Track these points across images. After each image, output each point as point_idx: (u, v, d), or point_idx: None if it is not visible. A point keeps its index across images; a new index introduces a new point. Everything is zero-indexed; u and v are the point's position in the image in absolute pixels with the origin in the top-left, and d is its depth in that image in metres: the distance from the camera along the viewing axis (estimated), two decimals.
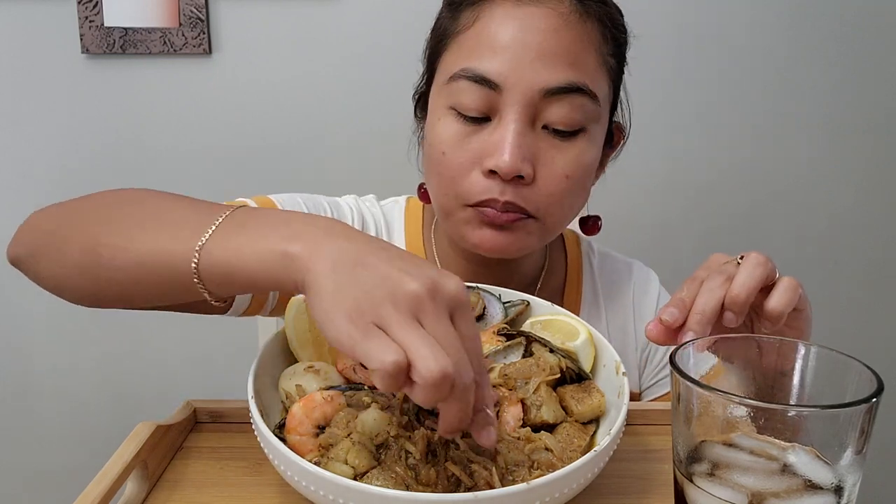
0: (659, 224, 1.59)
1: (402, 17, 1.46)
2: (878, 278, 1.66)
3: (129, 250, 0.54)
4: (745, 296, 0.56)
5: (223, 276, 0.50)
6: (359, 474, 0.49)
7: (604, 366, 0.61)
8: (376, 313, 0.43)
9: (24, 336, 1.60)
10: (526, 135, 0.69)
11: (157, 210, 0.57)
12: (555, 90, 0.69)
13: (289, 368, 0.58)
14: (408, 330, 0.42)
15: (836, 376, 0.45)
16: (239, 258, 0.49)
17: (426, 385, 0.41)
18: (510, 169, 0.68)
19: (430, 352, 0.41)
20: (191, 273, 0.51)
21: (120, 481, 0.52)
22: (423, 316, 0.43)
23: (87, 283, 0.59)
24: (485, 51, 0.70)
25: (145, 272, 0.54)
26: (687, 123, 1.54)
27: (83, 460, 1.61)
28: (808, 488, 0.41)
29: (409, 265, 0.45)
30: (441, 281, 0.45)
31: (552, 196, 0.72)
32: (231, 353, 1.55)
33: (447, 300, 0.44)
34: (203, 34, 1.45)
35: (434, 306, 0.44)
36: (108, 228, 0.57)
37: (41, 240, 0.63)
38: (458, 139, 0.71)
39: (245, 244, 0.49)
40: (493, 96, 0.69)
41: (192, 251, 0.50)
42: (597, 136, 0.74)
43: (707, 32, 1.50)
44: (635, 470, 0.59)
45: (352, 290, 0.44)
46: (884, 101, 1.56)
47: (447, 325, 0.44)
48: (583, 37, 0.71)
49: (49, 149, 1.51)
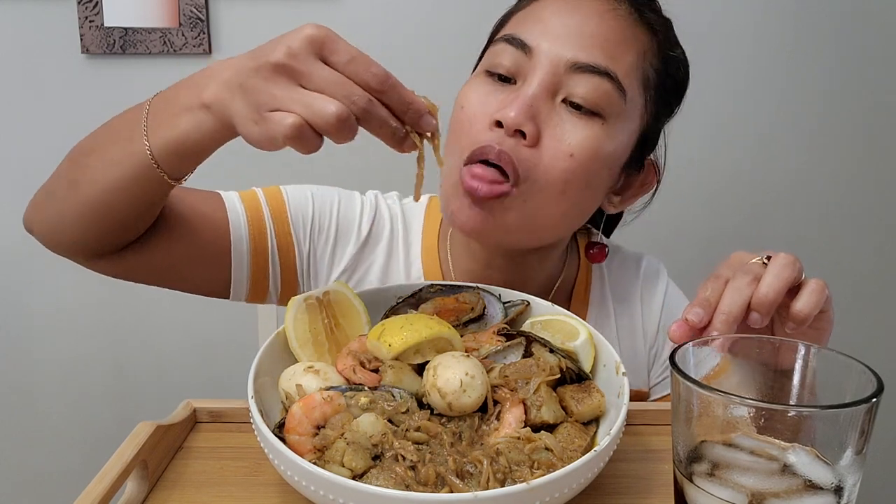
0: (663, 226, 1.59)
1: (403, 17, 1.47)
2: (878, 278, 1.66)
3: (96, 165, 0.65)
4: (773, 297, 0.55)
5: (174, 151, 0.59)
6: (357, 475, 0.49)
7: (604, 366, 0.61)
8: (265, 103, 0.51)
9: (24, 336, 1.60)
10: (543, 100, 0.69)
11: (103, 132, 0.67)
12: (582, 66, 0.69)
13: (289, 368, 0.58)
14: (290, 95, 0.50)
15: (836, 376, 0.45)
16: (175, 128, 0.58)
17: (332, 131, 0.49)
18: (514, 122, 0.67)
19: (320, 104, 0.49)
20: (148, 161, 0.60)
21: (120, 481, 0.52)
22: (298, 77, 0.50)
23: (73, 213, 0.67)
24: (529, 22, 0.72)
25: (114, 177, 0.63)
26: (691, 126, 1.54)
27: (83, 460, 1.62)
28: (808, 488, 0.41)
29: (268, 47, 0.51)
30: (293, 37, 0.50)
31: (550, 169, 0.69)
32: (231, 353, 1.55)
33: (305, 49, 0.50)
34: (203, 34, 1.45)
35: (298, 62, 0.50)
36: (77, 159, 0.68)
37: (38, 197, 0.72)
38: (480, 96, 0.72)
39: (173, 116, 0.58)
40: (524, 60, 0.70)
41: (141, 142, 0.60)
42: (616, 135, 0.72)
43: (708, 33, 1.50)
44: (635, 470, 0.59)
45: (246, 97, 0.52)
46: (885, 104, 1.56)
47: (319, 69, 0.50)
48: (627, 34, 0.71)
49: (49, 149, 1.50)
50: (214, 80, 0.55)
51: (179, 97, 0.59)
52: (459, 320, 0.65)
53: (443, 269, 0.85)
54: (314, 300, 0.63)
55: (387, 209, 0.88)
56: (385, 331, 0.57)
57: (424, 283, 0.69)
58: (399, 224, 0.87)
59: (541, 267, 0.83)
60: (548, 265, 0.84)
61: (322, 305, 0.63)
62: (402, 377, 0.56)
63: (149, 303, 1.60)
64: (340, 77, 0.50)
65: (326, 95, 0.49)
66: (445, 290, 0.68)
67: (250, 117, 0.52)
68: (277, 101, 0.50)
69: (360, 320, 0.64)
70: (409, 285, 0.69)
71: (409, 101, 0.53)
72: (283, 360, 0.60)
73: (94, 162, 0.65)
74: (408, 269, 0.85)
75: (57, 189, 0.69)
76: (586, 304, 0.87)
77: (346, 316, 0.64)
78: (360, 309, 0.64)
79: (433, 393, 0.53)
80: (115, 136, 0.64)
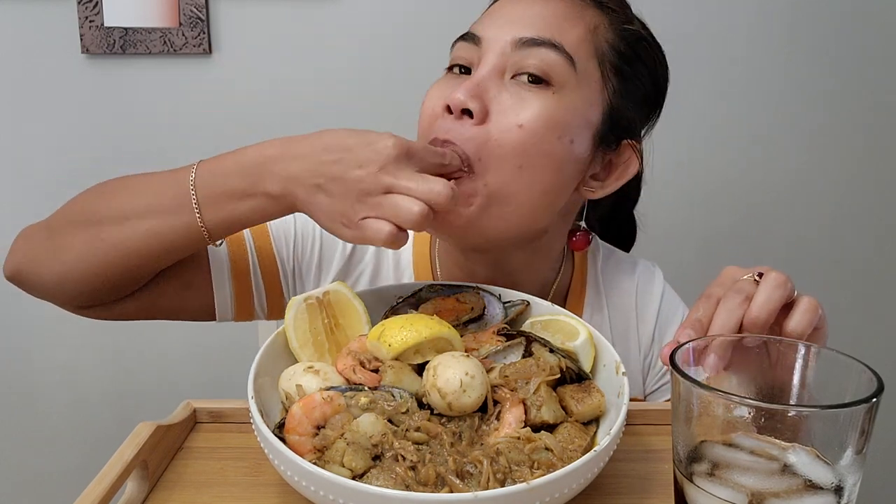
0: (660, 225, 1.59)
1: (402, 17, 1.47)
2: (877, 278, 1.66)
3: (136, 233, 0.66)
4: (766, 318, 0.55)
5: (228, 227, 0.65)
6: (357, 475, 0.49)
7: (604, 366, 0.61)
8: (357, 211, 0.58)
9: (24, 336, 1.60)
10: (490, 80, 0.70)
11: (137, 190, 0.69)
12: (526, 40, 0.70)
13: (289, 368, 0.58)
14: (381, 206, 0.57)
15: (836, 376, 0.45)
16: (234, 211, 0.63)
17: (416, 227, 0.57)
18: (457, 101, 0.68)
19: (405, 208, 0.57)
20: (201, 234, 0.65)
21: (120, 481, 0.52)
22: (388, 187, 0.57)
23: (91, 268, 0.68)
24: (482, 18, 0.75)
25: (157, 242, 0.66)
26: (687, 127, 1.54)
27: (83, 460, 1.62)
28: (809, 488, 0.41)
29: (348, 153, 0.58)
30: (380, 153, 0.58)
31: (499, 145, 0.67)
32: (231, 353, 1.55)
33: (394, 162, 0.58)
34: (203, 34, 1.45)
35: (391, 176, 0.57)
36: (104, 212, 0.68)
37: (39, 244, 0.72)
38: (438, 88, 0.74)
39: (233, 204, 0.63)
40: (475, 50, 0.72)
41: (192, 215, 0.64)
42: (570, 103, 0.70)
43: (708, 33, 1.50)
44: (635, 470, 0.59)
45: (332, 202, 0.58)
46: (884, 104, 1.56)
47: (404, 174, 0.58)
48: (573, 12, 0.72)
49: (49, 149, 1.51)
50: (279, 175, 0.60)
51: (234, 182, 0.63)
52: (459, 320, 0.65)
53: (434, 278, 0.84)
54: (314, 300, 0.63)
55: None
56: (385, 331, 0.58)
57: (424, 283, 0.69)
58: None
59: (529, 269, 0.81)
60: (537, 268, 0.82)
61: (322, 305, 0.63)
62: (402, 377, 0.56)
63: None
64: (425, 178, 0.58)
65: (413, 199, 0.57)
66: (445, 290, 0.68)
67: (340, 221, 0.59)
68: (369, 211, 0.57)
69: (360, 320, 0.64)
70: (409, 285, 0.69)
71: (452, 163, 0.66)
72: (283, 360, 0.60)
73: (127, 228, 0.67)
74: (398, 279, 0.84)
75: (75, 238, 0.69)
76: (581, 308, 0.86)
77: (346, 316, 0.64)
78: (360, 309, 0.64)
79: (433, 393, 0.53)
80: (155, 206, 0.66)
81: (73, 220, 0.70)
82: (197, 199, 0.64)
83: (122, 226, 0.67)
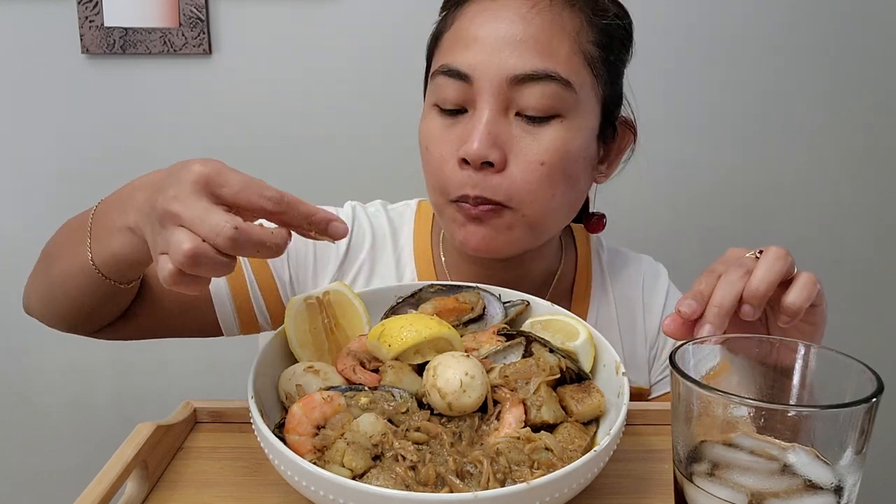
0: (660, 224, 1.59)
1: (402, 17, 1.46)
2: (877, 278, 1.66)
3: (60, 269, 0.69)
4: (764, 289, 0.56)
5: (112, 264, 0.63)
6: (357, 475, 0.49)
7: (604, 366, 0.61)
8: (156, 244, 0.51)
9: (24, 336, 1.60)
10: (497, 122, 0.70)
11: (66, 232, 0.71)
12: (522, 77, 0.69)
13: (289, 368, 0.58)
14: (165, 240, 0.49)
15: (836, 376, 0.45)
16: (109, 246, 0.62)
17: (188, 268, 0.47)
18: (477, 155, 0.69)
19: (175, 243, 0.47)
20: (94, 272, 0.65)
21: (120, 481, 0.52)
22: (178, 218, 0.48)
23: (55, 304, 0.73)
24: (459, 46, 0.72)
25: (74, 282, 0.68)
26: (688, 123, 1.54)
27: (83, 460, 1.62)
28: (808, 488, 0.41)
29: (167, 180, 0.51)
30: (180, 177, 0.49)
31: (527, 183, 0.71)
32: (231, 353, 1.54)
33: (189, 190, 0.49)
34: (203, 34, 1.45)
35: (181, 204, 0.48)
36: (49, 258, 0.73)
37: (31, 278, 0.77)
38: (439, 132, 0.74)
39: (108, 234, 0.61)
40: (467, 88, 0.71)
41: (85, 255, 0.64)
42: (578, 125, 0.73)
43: (709, 32, 1.50)
44: (635, 470, 0.59)
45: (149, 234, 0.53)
46: (884, 104, 1.56)
47: (195, 207, 0.48)
48: (554, 24, 0.71)
49: (49, 149, 1.51)
50: (134, 206, 0.56)
51: (111, 216, 0.61)
52: (459, 320, 0.65)
53: (437, 270, 0.85)
54: (314, 300, 0.63)
55: (366, 218, 0.88)
56: (385, 331, 0.58)
57: (424, 283, 0.69)
58: (386, 231, 0.87)
59: (537, 261, 0.84)
60: (544, 258, 0.85)
61: (322, 305, 0.63)
62: (402, 377, 0.56)
63: None
64: (207, 211, 0.48)
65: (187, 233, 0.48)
66: (445, 290, 0.68)
67: (154, 254, 0.52)
68: (161, 244, 0.50)
69: (360, 320, 0.64)
70: (409, 285, 0.69)
71: (310, 213, 0.52)
72: (283, 360, 0.60)
73: (56, 270, 0.70)
74: (400, 274, 0.85)
75: (37, 284, 0.75)
76: (588, 301, 0.87)
77: (346, 316, 0.64)
78: (360, 309, 0.64)
79: (433, 393, 0.53)
80: (68, 248, 0.68)
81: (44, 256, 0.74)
82: (90, 237, 0.64)
83: (56, 266, 0.70)
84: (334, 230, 0.53)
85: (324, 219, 0.52)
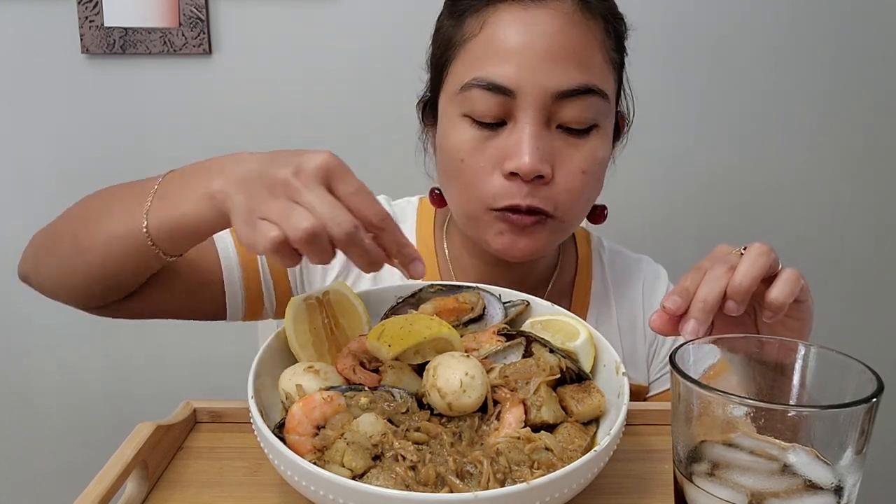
0: (658, 222, 1.59)
1: (402, 18, 1.46)
2: (877, 278, 1.66)
3: (98, 232, 0.66)
4: (747, 285, 0.56)
5: (168, 230, 0.61)
6: (357, 475, 0.49)
7: (604, 366, 0.61)
8: (259, 209, 0.52)
9: (24, 336, 1.60)
10: (542, 136, 0.71)
11: (112, 195, 0.68)
12: (567, 92, 0.70)
13: (289, 368, 0.58)
14: (279, 209, 0.51)
15: (836, 376, 0.45)
16: (176, 209, 0.59)
17: (300, 244, 0.50)
18: (530, 169, 0.69)
19: (297, 218, 0.50)
20: (144, 237, 0.61)
21: (120, 481, 0.52)
22: (295, 194, 0.51)
23: (76, 274, 0.69)
24: (494, 58, 0.71)
25: (114, 247, 0.65)
26: (685, 121, 1.54)
27: (83, 460, 1.62)
28: (808, 488, 0.41)
29: (283, 158, 0.53)
30: (305, 159, 0.52)
31: (571, 193, 0.73)
32: (231, 353, 1.55)
33: (313, 173, 0.52)
34: (203, 34, 1.45)
35: (301, 182, 0.51)
36: (82, 222, 0.68)
37: (39, 250, 0.74)
38: (475, 145, 0.73)
39: (178, 198, 0.59)
40: (508, 101, 0.71)
41: (141, 217, 0.61)
42: (608, 130, 0.76)
43: (705, 29, 1.50)
44: (635, 470, 0.59)
45: (247, 199, 0.53)
46: (884, 104, 1.56)
47: (317, 191, 0.51)
48: (587, 35, 0.72)
49: (49, 149, 1.51)
50: (225, 174, 0.56)
51: (191, 183, 0.60)
52: (459, 320, 0.65)
53: (440, 266, 0.86)
54: (314, 300, 0.63)
55: None
56: (385, 331, 0.57)
57: (424, 283, 0.69)
58: None
59: (541, 259, 0.85)
60: (547, 255, 0.86)
61: (322, 305, 0.63)
62: (402, 377, 0.56)
63: None
64: (334, 203, 0.51)
65: (309, 213, 0.50)
66: (445, 290, 0.68)
67: (243, 218, 0.53)
68: (268, 211, 0.52)
69: (360, 320, 0.64)
70: (408, 285, 0.69)
71: (402, 244, 0.56)
72: (283, 360, 0.60)
73: (97, 230, 0.66)
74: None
75: (59, 246, 0.71)
76: (588, 299, 0.88)
77: (346, 316, 0.64)
78: (360, 309, 0.64)
79: (433, 393, 0.53)
80: (119, 209, 0.65)
81: (64, 225, 0.71)
82: (151, 202, 0.62)
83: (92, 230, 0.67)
84: (415, 268, 0.56)
85: (410, 254, 0.56)
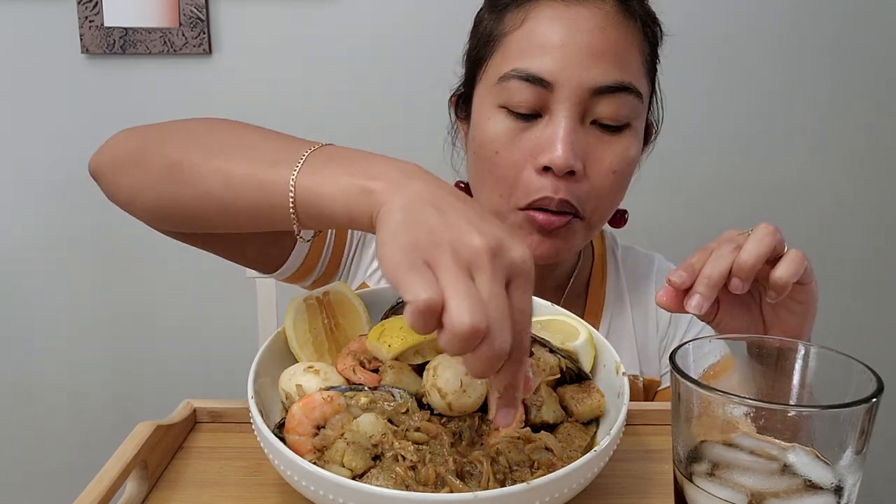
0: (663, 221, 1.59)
1: (402, 18, 1.47)
2: (878, 278, 1.66)
3: (217, 172, 0.56)
4: (753, 262, 0.57)
5: (312, 206, 0.52)
6: (357, 475, 0.49)
7: (604, 366, 0.61)
8: (431, 253, 0.42)
9: (24, 336, 1.60)
10: (577, 131, 0.71)
11: (245, 137, 0.59)
12: (604, 89, 0.71)
13: (289, 368, 0.58)
14: (455, 277, 0.40)
15: (836, 376, 0.45)
16: (324, 189, 0.51)
17: (453, 333, 0.39)
18: (564, 164, 0.70)
19: (469, 304, 0.39)
20: (287, 203, 0.52)
21: (120, 481, 0.52)
22: (478, 272, 0.42)
23: (164, 197, 0.61)
24: (535, 50, 0.72)
25: (232, 195, 0.56)
26: (688, 127, 1.54)
27: (83, 460, 1.62)
28: (808, 488, 0.41)
29: (481, 221, 0.44)
30: (507, 244, 0.43)
31: (600, 191, 0.74)
32: (231, 353, 1.55)
33: (507, 264, 0.43)
34: (203, 34, 1.45)
35: (491, 266, 0.42)
36: (195, 148, 0.59)
37: (126, 152, 0.66)
38: (510, 136, 0.73)
39: (330, 177, 0.51)
40: (545, 94, 0.71)
41: (288, 181, 0.52)
42: (639, 131, 0.77)
43: (711, 29, 1.50)
44: (635, 470, 0.59)
45: (416, 227, 0.43)
46: (885, 104, 1.56)
47: (499, 287, 0.42)
48: (626, 35, 0.73)
49: (49, 149, 1.51)
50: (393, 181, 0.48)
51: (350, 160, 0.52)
52: None
53: None
54: (314, 300, 0.63)
55: None
56: (385, 331, 0.57)
57: None
58: None
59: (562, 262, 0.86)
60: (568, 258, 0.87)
61: (322, 305, 0.63)
62: (402, 377, 0.56)
63: (149, 303, 1.61)
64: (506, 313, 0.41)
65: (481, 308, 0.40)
66: None
67: (400, 242, 0.43)
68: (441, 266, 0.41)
69: (360, 320, 0.64)
70: None
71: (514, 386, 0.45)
72: (283, 360, 0.60)
73: (212, 168, 0.57)
74: None
75: (152, 165, 0.62)
76: (603, 297, 0.90)
77: (346, 316, 0.64)
78: (360, 309, 0.64)
79: (433, 393, 0.53)
80: (252, 154, 0.56)
81: (166, 141, 0.62)
82: (302, 162, 0.53)
83: (208, 162, 0.57)
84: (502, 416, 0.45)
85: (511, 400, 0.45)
